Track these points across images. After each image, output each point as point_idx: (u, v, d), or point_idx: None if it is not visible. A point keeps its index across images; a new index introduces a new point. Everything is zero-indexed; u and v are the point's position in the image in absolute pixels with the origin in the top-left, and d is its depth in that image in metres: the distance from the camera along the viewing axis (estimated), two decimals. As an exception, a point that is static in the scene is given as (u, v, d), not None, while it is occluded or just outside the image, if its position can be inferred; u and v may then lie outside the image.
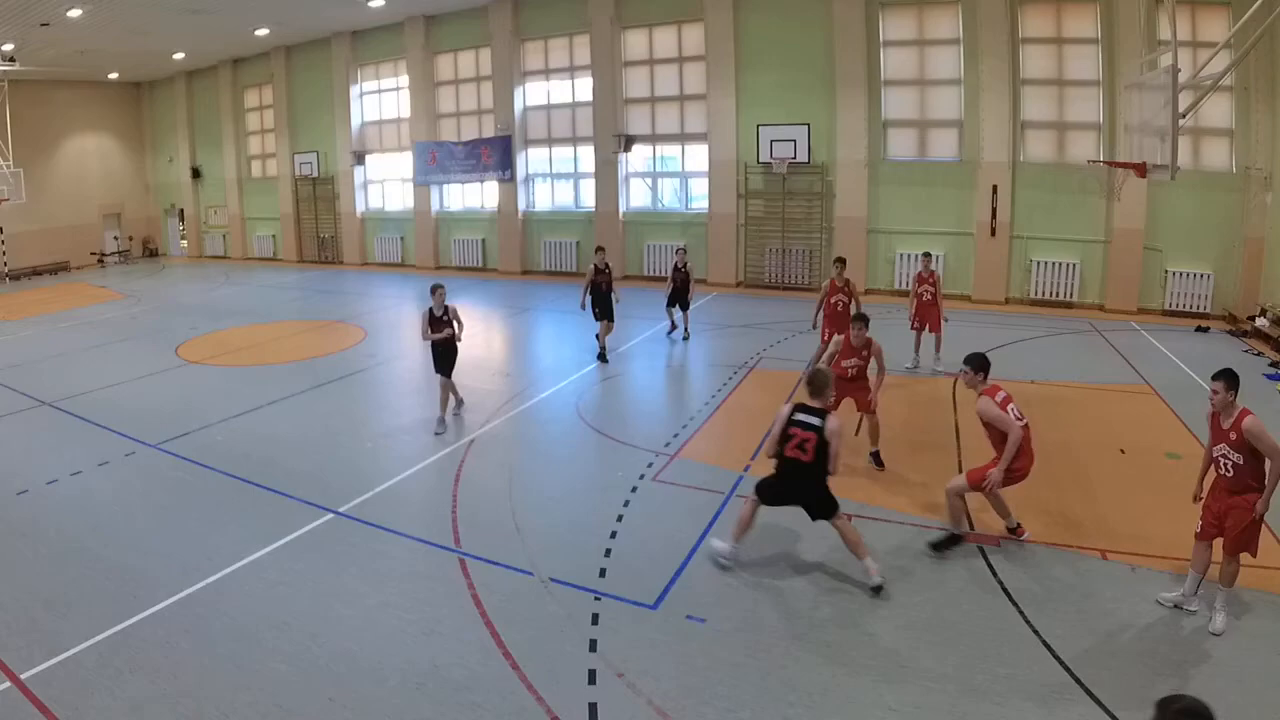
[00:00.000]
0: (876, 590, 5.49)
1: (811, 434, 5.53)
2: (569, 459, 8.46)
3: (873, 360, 7.78)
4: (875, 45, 16.69)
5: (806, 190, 17.79)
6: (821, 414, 5.59)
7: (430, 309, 9.28)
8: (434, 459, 8.31)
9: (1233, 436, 4.95)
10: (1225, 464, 5.06)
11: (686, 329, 13.44)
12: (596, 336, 12.16)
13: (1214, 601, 5.06)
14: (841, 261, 10.85)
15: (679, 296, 13.12)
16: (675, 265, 13.13)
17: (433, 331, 9.21)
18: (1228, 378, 5.04)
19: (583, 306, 12.20)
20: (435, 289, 9.38)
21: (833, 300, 10.37)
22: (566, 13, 19.96)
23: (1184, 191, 13.92)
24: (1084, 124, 15.38)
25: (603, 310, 12.08)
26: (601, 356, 11.96)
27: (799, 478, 5.66)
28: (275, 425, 9.59)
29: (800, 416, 5.61)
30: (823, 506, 5.72)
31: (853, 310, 9.58)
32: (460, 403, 9.73)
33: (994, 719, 4.28)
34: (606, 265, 12.25)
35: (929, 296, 11.05)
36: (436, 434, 8.98)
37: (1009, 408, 5.86)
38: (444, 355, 9.27)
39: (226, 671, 4.77)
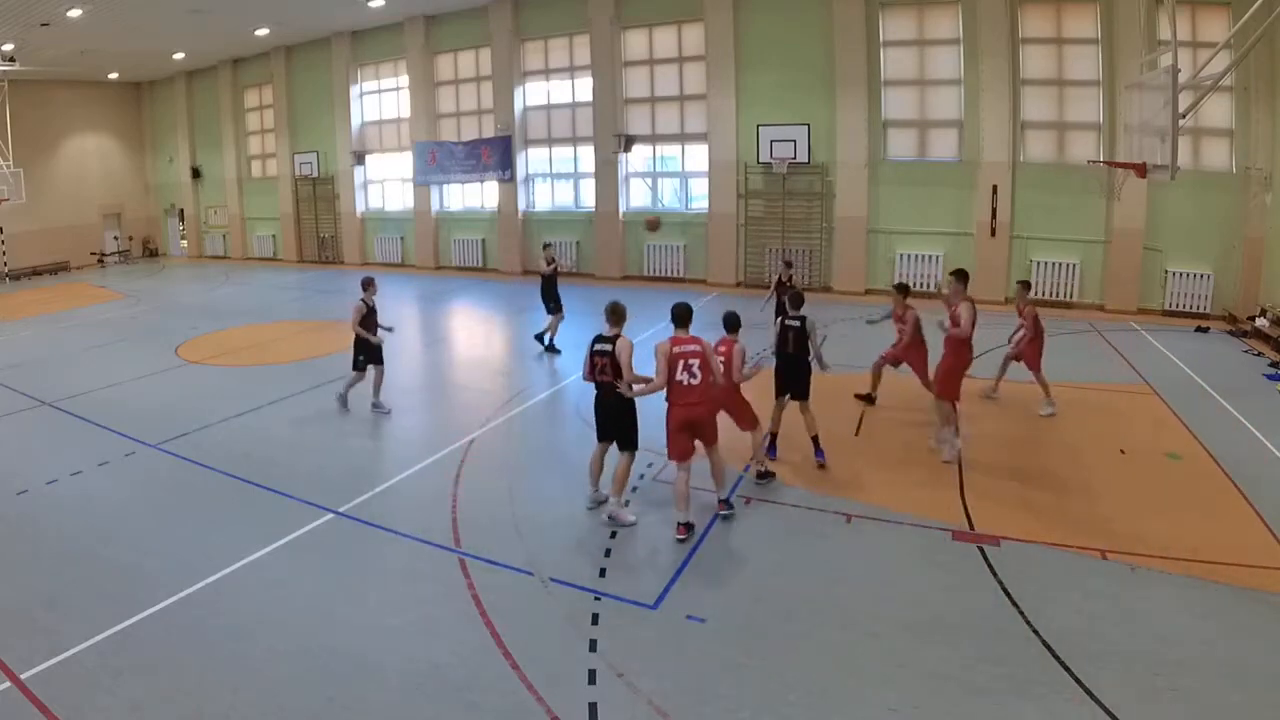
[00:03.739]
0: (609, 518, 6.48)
1: (605, 358, 6.42)
2: (569, 459, 8.43)
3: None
4: (875, 45, 16.69)
5: (806, 190, 17.79)
6: (613, 340, 6.42)
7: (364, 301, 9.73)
8: (434, 459, 8.30)
9: None
10: None
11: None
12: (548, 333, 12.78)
13: None
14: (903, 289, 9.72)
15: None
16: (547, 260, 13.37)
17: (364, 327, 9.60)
18: None
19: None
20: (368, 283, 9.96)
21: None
22: (566, 13, 19.97)
23: (1184, 191, 13.91)
24: (1084, 124, 15.38)
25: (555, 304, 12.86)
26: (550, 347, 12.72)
27: (602, 397, 6.63)
28: (275, 425, 9.59)
29: (598, 346, 6.50)
30: (618, 429, 6.57)
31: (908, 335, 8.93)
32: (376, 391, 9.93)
33: (994, 719, 4.28)
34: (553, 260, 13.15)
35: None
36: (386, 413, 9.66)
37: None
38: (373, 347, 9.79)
39: (226, 671, 4.77)
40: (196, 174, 28.77)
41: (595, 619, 5.25)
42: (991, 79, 15.60)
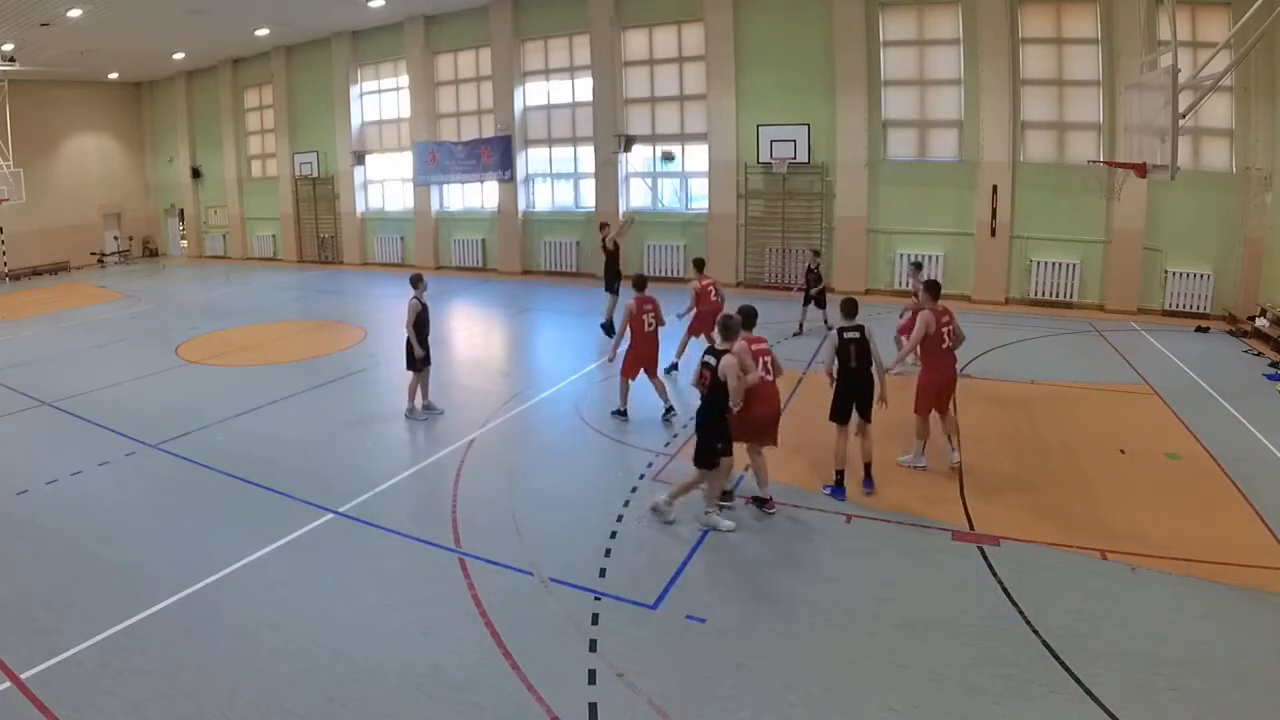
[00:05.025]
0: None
1: (708, 371, 6.30)
2: (569, 459, 8.45)
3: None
4: (875, 45, 16.68)
5: (806, 190, 17.78)
6: (719, 354, 6.28)
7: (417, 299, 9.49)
8: (434, 459, 8.31)
9: None
10: None
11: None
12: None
13: None
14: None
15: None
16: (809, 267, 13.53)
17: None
18: None
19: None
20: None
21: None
22: (566, 13, 19.96)
23: (1184, 191, 13.90)
24: (1084, 124, 15.38)
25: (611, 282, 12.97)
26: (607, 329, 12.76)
27: (701, 408, 6.46)
28: (275, 425, 9.59)
29: (707, 358, 6.39)
30: (700, 443, 6.34)
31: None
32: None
33: (994, 719, 4.28)
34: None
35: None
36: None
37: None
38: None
39: (226, 671, 4.77)
40: (196, 174, 28.76)
41: (595, 619, 5.25)
42: (991, 79, 15.60)
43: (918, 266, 12.07)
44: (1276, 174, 13.51)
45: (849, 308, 7.10)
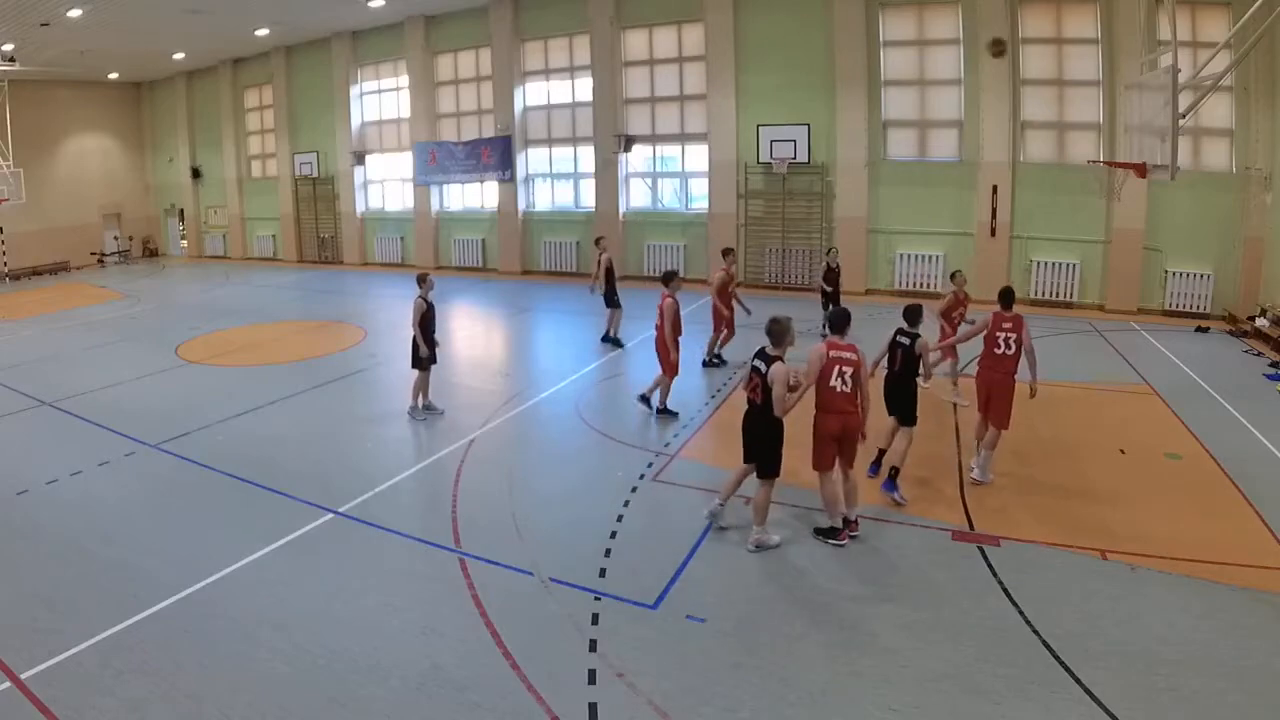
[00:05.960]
0: (757, 547, 6.11)
1: (758, 377, 6.01)
2: (569, 459, 8.45)
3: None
4: (875, 45, 16.68)
5: (806, 190, 17.79)
6: (769, 360, 5.95)
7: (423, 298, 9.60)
8: (434, 459, 8.31)
9: None
10: None
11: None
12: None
13: None
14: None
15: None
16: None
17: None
18: None
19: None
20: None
21: (954, 315, 9.68)
22: (566, 13, 19.97)
23: (1184, 192, 13.91)
24: (1084, 124, 15.38)
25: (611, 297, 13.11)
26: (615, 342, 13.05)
27: (750, 417, 6.19)
28: (275, 425, 9.59)
29: (755, 362, 6.08)
30: (759, 453, 6.08)
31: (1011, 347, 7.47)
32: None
33: (994, 719, 4.28)
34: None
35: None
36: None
37: None
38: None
39: (226, 671, 4.77)
40: (196, 174, 28.77)
41: (595, 619, 5.25)
42: (991, 79, 15.60)
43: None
44: (1276, 174, 13.52)
45: (910, 314, 7.08)
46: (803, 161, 17.20)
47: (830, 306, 12.81)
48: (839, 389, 6.08)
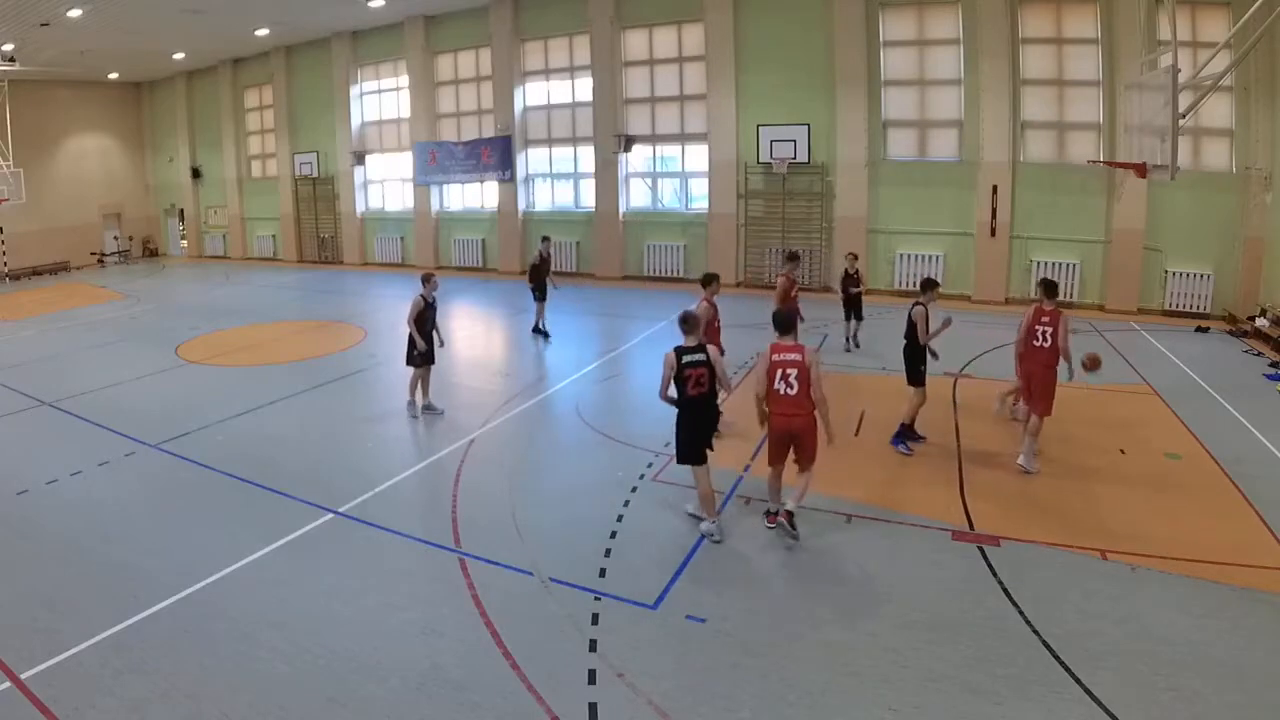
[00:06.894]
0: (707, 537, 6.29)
1: (703, 368, 6.21)
2: (569, 459, 8.45)
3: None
4: (875, 45, 16.69)
5: (806, 190, 17.79)
6: (703, 348, 6.24)
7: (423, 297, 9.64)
8: (434, 459, 8.31)
9: None
10: None
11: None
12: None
13: None
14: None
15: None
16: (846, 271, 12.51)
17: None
18: None
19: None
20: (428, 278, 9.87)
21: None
22: (566, 13, 19.97)
23: (1184, 192, 13.91)
24: (1084, 124, 15.38)
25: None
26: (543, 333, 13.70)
27: (705, 409, 6.36)
28: (275, 425, 9.59)
29: (688, 358, 6.20)
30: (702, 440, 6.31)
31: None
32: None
33: (994, 719, 4.28)
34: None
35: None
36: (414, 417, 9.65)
37: None
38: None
39: (226, 671, 4.77)
40: (196, 174, 28.77)
41: (595, 619, 5.25)
42: (991, 79, 15.60)
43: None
44: (1276, 174, 13.52)
45: (925, 285, 8.20)
46: (803, 161, 17.20)
47: (852, 315, 12.47)
48: (783, 391, 6.12)
